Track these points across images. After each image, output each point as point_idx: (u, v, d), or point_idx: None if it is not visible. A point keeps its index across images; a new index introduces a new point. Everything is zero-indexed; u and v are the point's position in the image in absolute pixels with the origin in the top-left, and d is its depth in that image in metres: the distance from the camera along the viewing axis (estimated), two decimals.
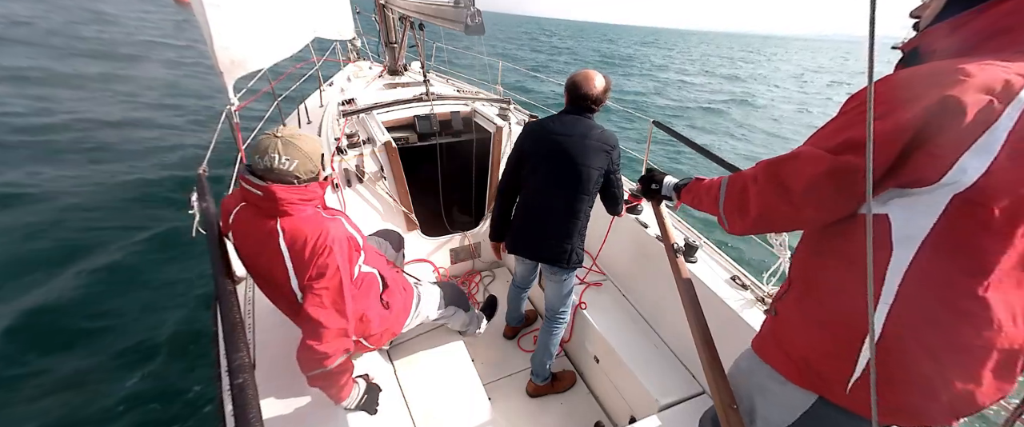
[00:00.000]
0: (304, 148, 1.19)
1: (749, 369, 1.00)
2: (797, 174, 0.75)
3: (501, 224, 1.94)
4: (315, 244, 1.19)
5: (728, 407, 0.94)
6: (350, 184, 2.28)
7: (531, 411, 2.05)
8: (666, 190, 1.34)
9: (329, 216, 1.30)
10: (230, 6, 1.85)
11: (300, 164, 1.18)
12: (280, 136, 1.18)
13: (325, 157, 1.28)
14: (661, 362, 1.91)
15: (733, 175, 0.92)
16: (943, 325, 0.69)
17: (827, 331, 0.80)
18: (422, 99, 2.84)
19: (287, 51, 2.50)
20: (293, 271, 1.20)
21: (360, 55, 5.69)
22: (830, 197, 0.72)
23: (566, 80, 1.70)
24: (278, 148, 1.15)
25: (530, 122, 1.82)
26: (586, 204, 1.73)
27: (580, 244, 1.78)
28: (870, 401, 0.72)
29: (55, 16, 14.46)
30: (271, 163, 1.15)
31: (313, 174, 1.24)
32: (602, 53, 32.81)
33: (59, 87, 7.59)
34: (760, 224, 0.85)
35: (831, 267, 0.80)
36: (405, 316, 1.65)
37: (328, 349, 1.19)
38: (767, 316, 0.99)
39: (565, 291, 1.89)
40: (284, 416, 1.36)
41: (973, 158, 0.61)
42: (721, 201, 0.93)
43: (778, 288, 1.01)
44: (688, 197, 1.17)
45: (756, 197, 0.82)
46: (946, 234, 0.66)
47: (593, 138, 1.65)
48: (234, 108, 1.89)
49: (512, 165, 1.82)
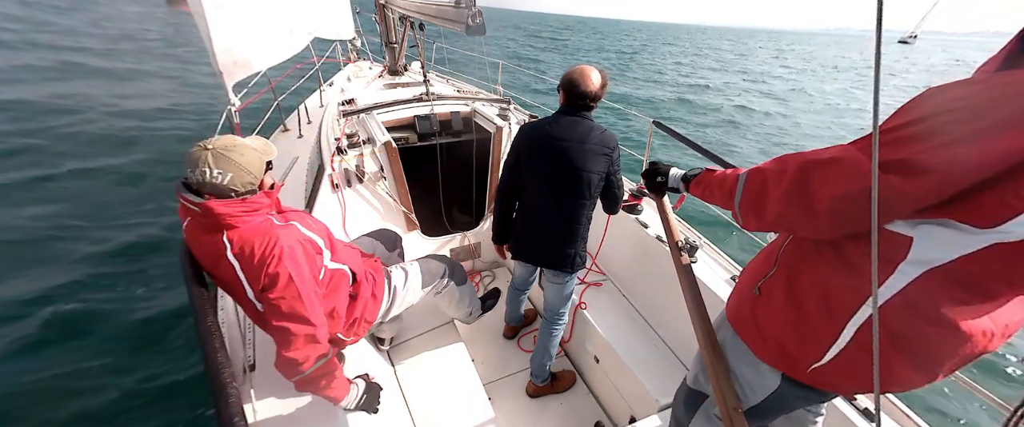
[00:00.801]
0: (239, 160, 1.12)
1: (721, 344, 1.03)
2: (830, 184, 0.65)
3: (503, 227, 1.93)
4: (263, 254, 1.14)
5: (734, 411, 0.94)
6: (350, 184, 2.28)
7: (531, 411, 2.05)
8: (673, 182, 1.30)
9: (282, 222, 1.26)
10: (232, 7, 1.85)
11: (235, 177, 1.12)
12: (211, 148, 1.10)
13: (271, 164, 1.22)
14: (661, 362, 1.90)
15: (753, 169, 0.84)
16: (919, 335, 0.69)
17: (807, 320, 0.81)
18: (422, 99, 2.84)
19: (288, 52, 2.50)
20: (247, 283, 1.17)
21: (360, 55, 5.69)
22: (860, 218, 0.62)
23: (561, 78, 1.64)
24: (208, 161, 1.09)
25: (526, 124, 1.78)
26: (587, 209, 1.70)
27: (582, 248, 1.76)
28: (827, 380, 0.82)
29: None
30: (202, 177, 1.09)
31: (252, 186, 1.17)
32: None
33: (59, 84, 7.60)
34: (776, 226, 0.81)
35: (827, 264, 0.79)
36: (377, 304, 1.60)
37: (298, 356, 1.16)
38: (748, 293, 0.96)
39: (566, 293, 1.89)
40: (284, 416, 1.36)
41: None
42: (738, 197, 0.87)
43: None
44: (698, 189, 1.11)
45: (776, 199, 0.75)
46: (964, 269, 0.61)
47: (592, 142, 1.61)
48: (235, 109, 1.89)
49: (509, 168, 1.79)
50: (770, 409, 0.97)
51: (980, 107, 0.52)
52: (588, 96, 1.60)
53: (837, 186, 0.65)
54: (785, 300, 0.86)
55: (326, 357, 1.24)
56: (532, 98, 5.14)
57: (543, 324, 1.97)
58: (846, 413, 1.31)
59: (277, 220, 1.26)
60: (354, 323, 1.51)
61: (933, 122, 0.56)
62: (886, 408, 1.35)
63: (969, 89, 0.55)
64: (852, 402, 1.33)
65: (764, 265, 0.93)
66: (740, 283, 1.02)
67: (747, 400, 0.97)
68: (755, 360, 0.93)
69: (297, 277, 1.16)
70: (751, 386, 0.96)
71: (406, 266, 1.76)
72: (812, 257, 0.82)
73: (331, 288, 1.39)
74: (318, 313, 1.21)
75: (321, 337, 1.21)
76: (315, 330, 1.19)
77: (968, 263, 0.61)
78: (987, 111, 0.51)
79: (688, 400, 1.15)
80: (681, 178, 1.25)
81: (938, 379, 0.74)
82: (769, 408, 0.97)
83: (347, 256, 1.50)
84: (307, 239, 1.28)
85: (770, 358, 0.90)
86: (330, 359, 1.26)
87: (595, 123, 1.65)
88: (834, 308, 0.77)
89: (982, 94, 0.53)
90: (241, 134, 1.97)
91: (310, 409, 1.39)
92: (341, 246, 1.51)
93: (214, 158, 1.10)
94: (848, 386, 0.83)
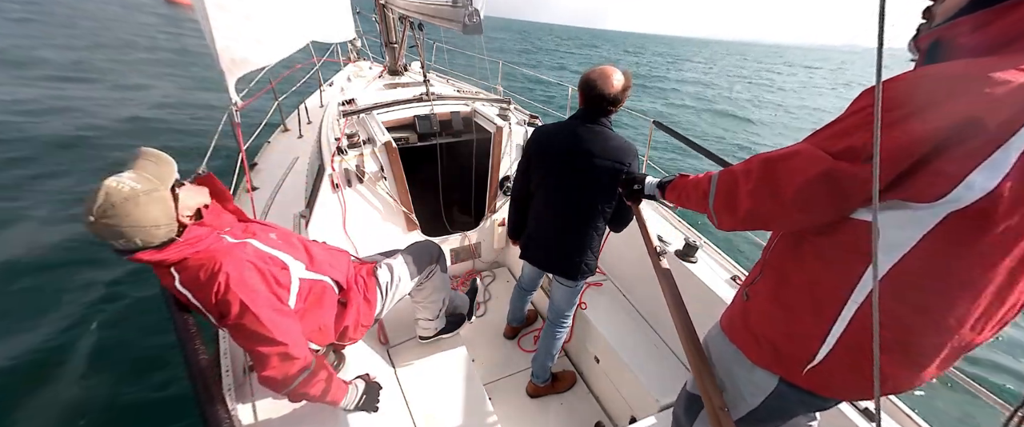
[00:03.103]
0: (129, 223, 0.94)
1: (718, 355, 1.03)
2: (792, 173, 0.72)
3: (518, 226, 1.90)
4: (208, 282, 1.07)
5: (720, 410, 0.95)
6: (350, 184, 2.28)
7: (531, 411, 2.05)
8: (649, 189, 1.32)
9: (236, 238, 1.19)
10: (234, 7, 1.85)
11: (144, 237, 0.96)
12: (93, 221, 0.92)
13: (180, 181, 1.08)
14: (661, 362, 1.90)
15: (724, 170, 0.90)
16: (904, 327, 0.71)
17: (796, 319, 0.82)
18: (422, 99, 2.84)
19: (288, 49, 2.50)
20: (204, 310, 1.12)
21: (360, 55, 5.69)
22: (822, 202, 0.71)
23: (580, 79, 1.52)
24: (105, 237, 0.94)
25: (539, 128, 1.70)
26: (598, 220, 1.64)
27: (592, 257, 1.72)
28: (824, 382, 0.82)
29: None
30: (123, 246, 0.96)
31: (171, 231, 1.02)
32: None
33: (60, 83, 7.60)
34: (749, 221, 0.83)
35: (809, 262, 0.80)
36: (372, 307, 1.57)
37: (275, 374, 1.15)
38: (738, 300, 0.99)
39: (573, 297, 1.87)
40: (284, 417, 1.36)
41: (981, 176, 0.58)
42: (711, 197, 0.91)
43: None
44: (673, 194, 1.15)
45: (746, 194, 0.80)
46: (933, 246, 0.65)
47: (607, 156, 1.49)
48: (235, 108, 1.89)
49: (521, 171, 1.75)
50: (771, 414, 0.96)
51: (901, 98, 0.62)
52: (607, 99, 1.46)
53: (799, 175, 0.71)
54: (773, 301, 0.87)
55: (308, 370, 1.20)
56: (531, 98, 5.14)
57: (547, 326, 1.97)
58: (847, 414, 1.31)
59: (231, 236, 1.19)
60: (347, 330, 1.49)
61: (868, 112, 0.67)
62: (887, 409, 1.36)
63: (895, 82, 0.64)
64: (853, 403, 1.33)
65: (753, 272, 0.97)
66: (735, 296, 1.04)
67: (746, 404, 0.97)
68: (751, 365, 0.93)
69: (250, 301, 1.09)
70: (748, 389, 0.96)
71: (390, 262, 1.73)
72: (794, 257, 0.84)
73: (312, 302, 1.35)
74: (285, 331, 1.15)
75: (296, 353, 1.17)
76: (286, 348, 1.14)
77: (938, 241, 0.64)
78: (905, 101, 0.61)
79: (689, 406, 1.15)
80: (656, 185, 1.27)
81: (931, 376, 0.75)
82: (769, 413, 0.95)
83: (330, 264, 1.46)
84: (264, 257, 1.21)
85: (764, 361, 0.90)
86: (315, 370, 1.23)
87: (612, 133, 1.53)
88: (820, 305, 0.78)
89: (901, 87, 0.63)
90: (241, 135, 1.98)
91: (310, 409, 1.39)
92: (323, 255, 1.46)
93: (107, 230, 0.94)
94: (847, 388, 0.83)
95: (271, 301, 1.17)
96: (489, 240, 2.75)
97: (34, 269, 3.27)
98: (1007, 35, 0.61)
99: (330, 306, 1.42)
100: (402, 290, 1.72)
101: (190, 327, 1.02)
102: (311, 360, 1.22)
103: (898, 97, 0.62)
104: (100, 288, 3.18)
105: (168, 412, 2.38)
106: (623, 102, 1.50)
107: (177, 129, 6.66)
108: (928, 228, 0.64)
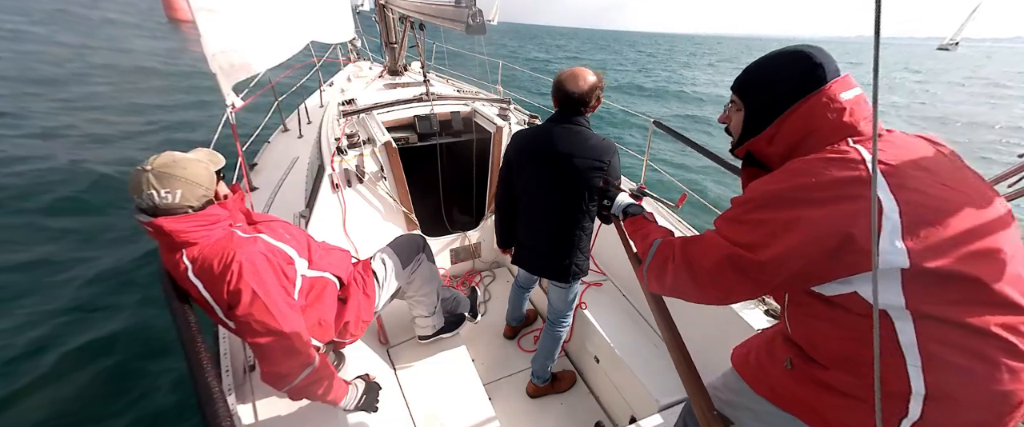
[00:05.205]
0: (182, 174, 1.07)
1: (746, 405, 0.97)
2: (701, 257, 0.80)
3: (505, 233, 1.90)
4: (222, 271, 1.10)
5: (708, 413, 0.94)
6: (350, 184, 2.28)
7: (531, 411, 2.05)
8: (616, 209, 1.34)
9: (247, 233, 1.22)
10: (225, 11, 1.84)
11: (185, 193, 1.08)
12: (150, 169, 1.05)
13: (222, 173, 1.19)
14: (661, 362, 1.90)
15: (664, 241, 0.95)
16: (975, 374, 0.64)
17: (863, 403, 0.74)
18: (422, 99, 2.84)
19: (285, 53, 2.50)
20: (213, 302, 1.14)
21: (360, 55, 5.70)
22: (732, 281, 0.76)
23: (552, 82, 1.53)
24: (152, 184, 1.04)
25: (517, 133, 1.69)
26: (584, 220, 1.64)
27: (582, 258, 1.72)
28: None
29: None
30: (151, 201, 1.05)
31: (205, 198, 1.13)
32: None
33: (59, 85, 7.60)
34: (674, 294, 0.91)
35: (834, 336, 0.76)
36: (371, 301, 1.58)
37: (280, 369, 1.15)
38: (776, 362, 0.90)
39: (570, 298, 1.87)
40: (284, 417, 1.36)
41: (889, 242, 0.62)
42: (647, 262, 0.97)
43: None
44: (630, 228, 1.21)
45: (671, 272, 0.87)
46: (925, 297, 0.63)
47: (585, 155, 1.50)
48: (231, 110, 1.89)
49: (503, 177, 1.75)
50: None
51: (764, 220, 0.73)
52: (574, 97, 1.48)
53: (707, 260, 0.79)
54: (827, 385, 0.78)
55: (312, 365, 1.21)
56: (531, 98, 5.13)
57: (546, 326, 1.97)
58: None
59: (242, 231, 1.22)
60: (348, 325, 1.50)
61: (750, 207, 0.76)
62: None
63: (755, 193, 0.76)
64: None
65: (780, 334, 0.91)
66: (761, 348, 0.97)
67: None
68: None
69: (261, 291, 1.12)
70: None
71: (383, 255, 1.72)
72: (813, 328, 0.80)
73: (314, 297, 1.37)
74: (293, 324, 1.17)
75: (301, 348, 1.18)
76: (292, 342, 1.15)
77: (924, 292, 0.63)
78: (767, 220, 0.72)
79: (693, 413, 1.15)
80: (622, 210, 1.31)
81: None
82: None
83: (331, 261, 1.47)
84: (274, 250, 1.25)
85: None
86: (317, 367, 1.23)
87: (590, 132, 1.54)
88: (884, 384, 0.69)
89: (758, 200, 0.75)
90: (238, 137, 1.98)
91: (310, 409, 1.39)
92: (323, 251, 1.48)
93: (156, 178, 1.05)
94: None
95: (281, 293, 1.19)
96: (489, 240, 2.75)
97: (32, 267, 3.28)
98: (791, 141, 0.78)
99: (331, 301, 1.43)
100: (394, 283, 1.71)
101: (191, 324, 1.02)
102: (314, 357, 1.23)
103: (754, 214, 0.75)
104: (95, 286, 3.19)
105: (168, 412, 2.38)
106: (594, 101, 1.53)
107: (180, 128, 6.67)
108: (900, 288, 0.64)
